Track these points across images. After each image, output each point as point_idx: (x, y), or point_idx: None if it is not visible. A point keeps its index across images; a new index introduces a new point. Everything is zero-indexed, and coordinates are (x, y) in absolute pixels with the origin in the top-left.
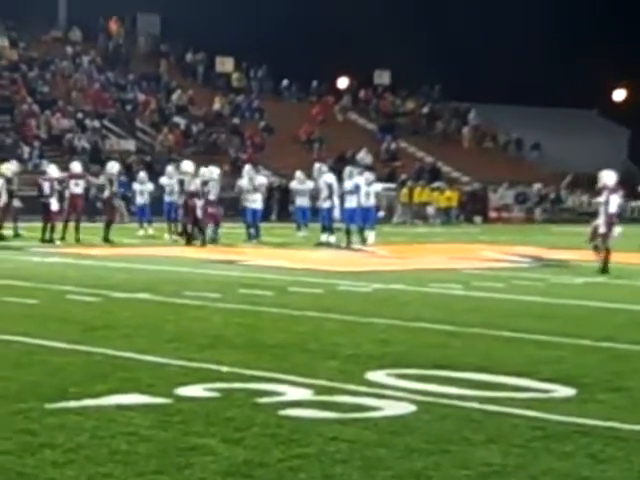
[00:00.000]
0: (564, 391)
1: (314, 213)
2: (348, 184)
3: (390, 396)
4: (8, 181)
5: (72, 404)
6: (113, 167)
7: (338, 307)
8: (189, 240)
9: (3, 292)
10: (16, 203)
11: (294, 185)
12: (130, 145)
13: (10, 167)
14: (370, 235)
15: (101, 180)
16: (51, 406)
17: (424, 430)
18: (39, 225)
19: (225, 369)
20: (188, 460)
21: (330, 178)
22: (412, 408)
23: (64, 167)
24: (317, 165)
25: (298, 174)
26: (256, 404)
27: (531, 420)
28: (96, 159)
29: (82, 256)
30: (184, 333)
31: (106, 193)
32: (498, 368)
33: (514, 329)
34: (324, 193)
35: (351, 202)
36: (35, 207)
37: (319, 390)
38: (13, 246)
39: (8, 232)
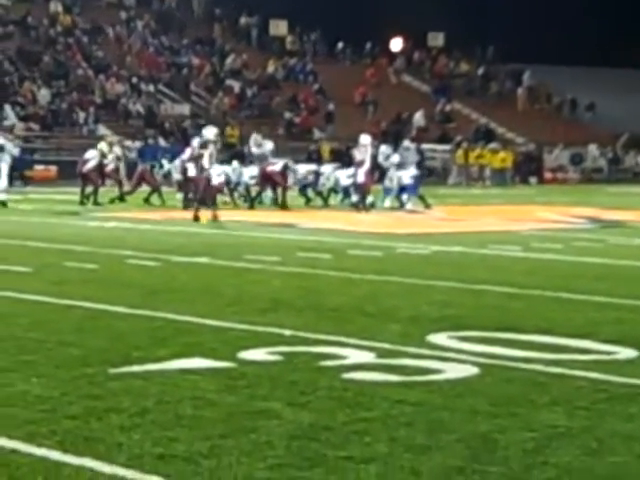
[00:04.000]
0: (626, 352)
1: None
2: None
3: (452, 359)
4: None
5: (136, 369)
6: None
7: (397, 270)
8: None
9: (63, 257)
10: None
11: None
12: (185, 109)
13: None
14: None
15: (185, 155)
16: (115, 371)
17: (488, 393)
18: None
19: (287, 332)
20: (254, 424)
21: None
22: (475, 370)
23: (119, 131)
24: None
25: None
26: (319, 367)
27: (595, 382)
28: (151, 123)
29: (139, 220)
30: (245, 297)
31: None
32: (560, 330)
33: (574, 290)
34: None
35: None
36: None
37: (381, 353)
38: (71, 211)
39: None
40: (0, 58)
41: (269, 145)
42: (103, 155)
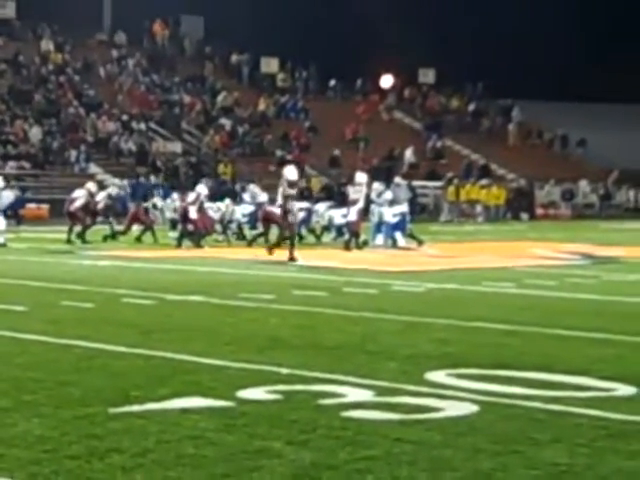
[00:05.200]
0: (625, 389)
1: None
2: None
3: (451, 396)
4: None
5: (135, 408)
6: (203, 189)
7: (393, 307)
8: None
9: (58, 296)
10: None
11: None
12: (176, 147)
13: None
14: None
15: (190, 198)
16: (115, 410)
17: (489, 430)
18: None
19: (285, 371)
20: (255, 463)
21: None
22: (475, 408)
23: (110, 170)
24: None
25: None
26: (318, 406)
27: (594, 419)
28: (143, 162)
29: (133, 259)
30: (241, 335)
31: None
32: (558, 367)
33: (571, 327)
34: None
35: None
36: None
37: (380, 391)
38: (64, 249)
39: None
40: None
41: (263, 197)
42: (91, 194)
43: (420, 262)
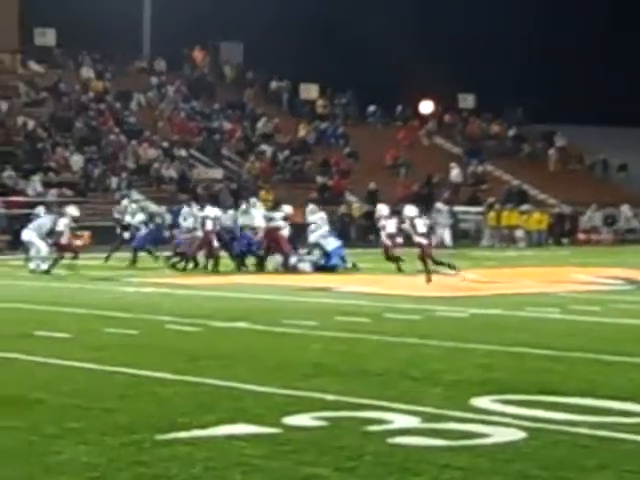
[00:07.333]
0: None
1: None
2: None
3: (498, 422)
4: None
5: (182, 435)
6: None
7: (436, 333)
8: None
9: (103, 323)
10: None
11: None
12: (217, 173)
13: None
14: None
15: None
16: (162, 437)
17: (536, 456)
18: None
19: (330, 397)
20: None
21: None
22: (521, 434)
23: (151, 197)
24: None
25: None
26: (365, 432)
27: None
28: (184, 188)
29: (176, 286)
30: (286, 362)
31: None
32: (603, 392)
33: (616, 352)
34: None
35: None
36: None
37: (426, 417)
38: (107, 276)
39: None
40: (33, 124)
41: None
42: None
43: (462, 288)
